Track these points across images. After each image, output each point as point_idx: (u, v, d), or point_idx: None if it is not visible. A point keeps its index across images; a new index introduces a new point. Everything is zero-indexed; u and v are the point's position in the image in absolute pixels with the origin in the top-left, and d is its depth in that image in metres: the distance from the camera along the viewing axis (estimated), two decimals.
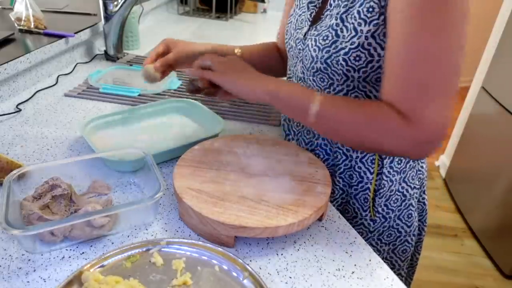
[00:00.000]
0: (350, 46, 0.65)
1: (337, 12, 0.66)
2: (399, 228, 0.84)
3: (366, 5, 0.62)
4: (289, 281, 0.57)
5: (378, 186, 0.78)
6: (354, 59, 0.65)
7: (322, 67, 0.70)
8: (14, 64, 1.02)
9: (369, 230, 0.83)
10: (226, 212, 0.61)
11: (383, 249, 0.86)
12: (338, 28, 0.66)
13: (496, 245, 1.96)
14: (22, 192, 0.65)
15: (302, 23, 0.76)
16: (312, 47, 0.70)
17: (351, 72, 0.67)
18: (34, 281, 0.54)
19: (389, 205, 0.81)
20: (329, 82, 0.71)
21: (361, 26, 0.63)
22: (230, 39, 1.77)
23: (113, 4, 1.26)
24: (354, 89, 0.70)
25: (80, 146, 0.85)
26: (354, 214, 0.82)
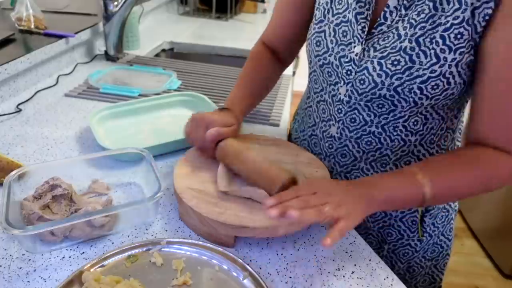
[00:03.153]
0: (429, 75, 0.58)
1: (411, 34, 0.59)
2: (442, 243, 0.81)
3: (455, 30, 0.56)
4: (289, 281, 0.57)
5: (429, 207, 0.75)
6: (431, 88, 0.59)
7: (389, 94, 0.62)
8: (14, 64, 1.02)
9: (415, 250, 0.79)
10: (226, 212, 0.61)
11: (426, 265, 0.83)
12: (414, 53, 0.59)
13: (496, 245, 1.96)
14: (22, 192, 0.65)
15: (347, 37, 0.66)
16: (374, 72, 0.62)
17: (423, 100, 0.61)
18: (34, 281, 0.54)
19: (436, 223, 0.78)
20: (389, 109, 0.65)
21: (445, 53, 0.57)
22: (230, 39, 1.77)
23: (113, 4, 1.26)
24: (415, 114, 0.65)
25: (80, 146, 0.85)
26: (400, 237, 0.78)
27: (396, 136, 0.68)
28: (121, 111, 0.95)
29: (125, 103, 0.97)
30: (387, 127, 0.68)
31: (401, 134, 0.68)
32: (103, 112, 0.93)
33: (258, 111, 1.07)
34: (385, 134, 0.68)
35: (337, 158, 0.75)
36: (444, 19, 0.57)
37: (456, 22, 0.56)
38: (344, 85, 0.68)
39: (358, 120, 0.69)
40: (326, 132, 0.75)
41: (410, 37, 0.59)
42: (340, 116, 0.71)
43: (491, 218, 2.00)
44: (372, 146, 0.70)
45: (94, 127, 0.85)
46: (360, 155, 0.72)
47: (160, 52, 1.68)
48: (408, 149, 0.70)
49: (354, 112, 0.69)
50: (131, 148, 0.73)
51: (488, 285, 1.86)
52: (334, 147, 0.75)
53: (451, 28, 0.56)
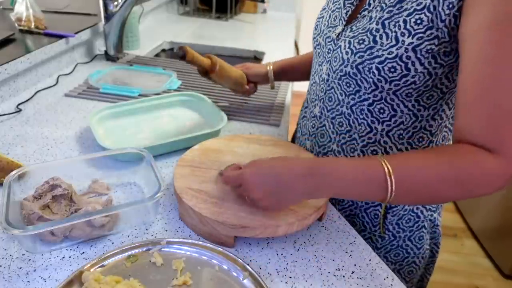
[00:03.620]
0: (387, 55, 0.61)
1: (379, 17, 0.62)
2: (408, 249, 0.80)
3: (416, 16, 0.58)
4: (289, 281, 0.57)
5: (391, 205, 0.75)
6: (388, 70, 0.61)
7: (352, 72, 0.66)
8: (14, 64, 1.02)
9: (376, 246, 0.80)
10: (226, 212, 0.61)
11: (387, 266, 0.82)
12: (378, 34, 0.61)
13: (496, 245, 1.96)
14: (22, 192, 0.65)
15: (336, 21, 0.71)
16: (344, 49, 0.67)
17: (382, 82, 0.63)
18: (34, 281, 0.54)
19: (401, 224, 0.77)
20: (355, 88, 0.68)
21: (404, 36, 0.59)
22: (230, 39, 1.77)
23: (113, 5, 1.26)
24: (381, 100, 0.66)
25: (80, 146, 0.85)
26: (363, 228, 0.79)
27: (362, 120, 0.70)
28: (121, 111, 0.95)
29: (125, 103, 0.97)
30: (354, 108, 0.70)
31: (367, 119, 0.69)
32: (103, 112, 0.93)
33: (258, 111, 1.07)
34: (353, 116, 0.70)
35: (317, 137, 0.79)
36: (410, 5, 0.59)
37: (418, 8, 0.58)
38: (326, 63, 0.73)
39: (333, 98, 0.73)
40: (311, 112, 0.80)
41: (377, 19, 0.62)
42: (322, 95, 0.75)
43: (491, 218, 2.00)
44: (343, 127, 0.73)
45: (94, 127, 0.85)
46: (334, 136, 0.75)
47: (160, 52, 1.68)
48: (374, 137, 0.70)
49: (331, 91, 0.73)
50: (131, 148, 0.73)
51: (488, 285, 1.86)
52: (315, 126, 0.79)
53: (413, 13, 0.58)
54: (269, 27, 2.09)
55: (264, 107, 1.09)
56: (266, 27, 2.10)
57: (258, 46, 1.71)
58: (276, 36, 1.91)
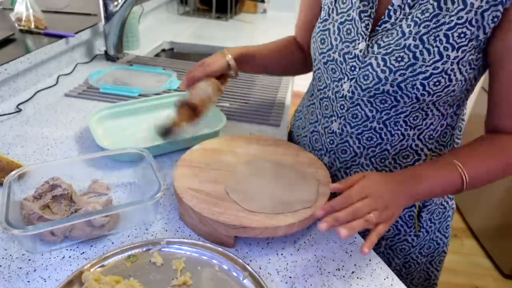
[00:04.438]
0: (432, 71, 0.61)
1: (415, 32, 0.61)
2: (438, 240, 0.83)
3: (458, 30, 0.59)
4: (289, 281, 0.57)
5: (426, 202, 0.77)
6: (433, 84, 0.62)
7: (392, 90, 0.65)
8: (14, 64, 1.02)
9: (412, 245, 0.81)
10: (226, 212, 0.61)
11: (421, 261, 0.84)
12: (418, 50, 0.61)
13: (496, 245, 1.96)
14: (23, 192, 0.65)
15: (351, 35, 0.68)
16: (378, 67, 0.65)
17: (425, 96, 0.64)
18: (34, 281, 0.54)
19: (432, 219, 0.79)
20: (391, 104, 0.67)
21: (448, 51, 0.60)
22: (230, 39, 1.77)
23: (113, 4, 1.26)
24: (417, 110, 0.67)
25: (80, 146, 0.85)
26: (397, 232, 0.79)
27: (396, 131, 0.70)
28: (120, 111, 0.95)
29: (125, 103, 0.97)
30: (388, 122, 0.69)
31: (401, 129, 0.70)
32: (103, 112, 0.93)
33: (258, 111, 1.07)
34: (386, 129, 0.70)
35: (337, 154, 0.77)
36: (448, 19, 0.59)
37: (460, 22, 0.58)
38: (348, 81, 0.70)
39: (360, 116, 0.71)
40: (328, 128, 0.76)
41: (414, 35, 0.61)
42: (342, 112, 0.73)
43: (491, 218, 2.00)
44: (372, 141, 0.72)
45: (93, 127, 0.85)
46: (361, 150, 0.74)
47: (160, 52, 1.68)
48: (406, 143, 0.71)
49: (356, 108, 0.70)
50: (131, 148, 0.73)
51: (488, 285, 1.86)
52: (335, 143, 0.76)
53: (455, 27, 0.59)
54: (269, 27, 2.09)
55: (264, 107, 1.09)
56: (266, 27, 2.10)
57: None
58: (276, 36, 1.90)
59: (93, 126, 0.86)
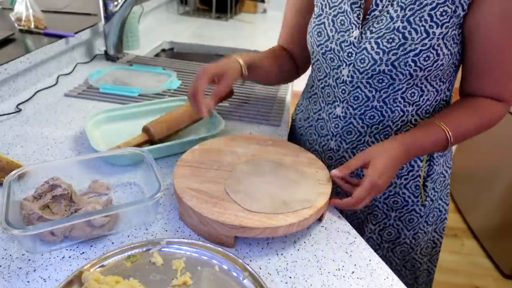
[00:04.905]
0: (421, 48, 0.68)
1: (402, 15, 0.68)
2: (440, 207, 0.89)
3: (440, 9, 0.66)
4: (289, 281, 0.57)
5: (429, 172, 0.83)
6: (423, 59, 0.69)
7: (387, 69, 0.71)
8: (14, 64, 1.02)
9: (420, 215, 0.86)
10: (226, 212, 0.61)
11: (427, 230, 0.89)
12: (406, 31, 0.68)
13: (496, 245, 1.96)
14: (22, 192, 0.65)
15: (345, 25, 0.74)
16: (373, 50, 0.71)
17: (417, 71, 0.70)
18: (34, 281, 0.54)
19: (436, 188, 0.85)
20: (389, 83, 0.73)
21: (433, 28, 0.67)
22: (230, 39, 1.77)
23: (113, 4, 1.26)
24: (412, 86, 0.73)
25: (80, 146, 0.85)
26: (405, 203, 0.85)
27: (396, 108, 0.76)
28: (118, 115, 0.94)
29: (122, 107, 0.96)
30: (387, 100, 0.75)
31: (400, 105, 0.76)
32: (100, 115, 0.92)
33: (258, 111, 1.07)
34: (386, 106, 0.76)
35: (343, 136, 0.82)
36: (430, 0, 0.66)
37: (440, 1, 0.66)
38: (346, 66, 0.76)
39: (361, 97, 0.77)
40: (332, 113, 0.82)
41: (402, 18, 0.68)
42: (344, 96, 0.78)
43: (491, 218, 1.99)
44: (375, 119, 0.78)
45: (90, 131, 0.84)
46: (365, 130, 0.79)
47: (160, 52, 1.68)
48: (406, 119, 0.77)
49: (356, 90, 0.76)
50: (131, 149, 0.73)
51: (488, 285, 1.86)
52: (340, 126, 0.81)
53: (437, 7, 0.66)
54: (269, 27, 2.09)
55: (264, 107, 1.09)
56: (266, 27, 2.10)
57: (258, 46, 1.71)
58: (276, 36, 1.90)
59: (90, 129, 0.85)
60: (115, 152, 0.73)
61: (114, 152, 0.73)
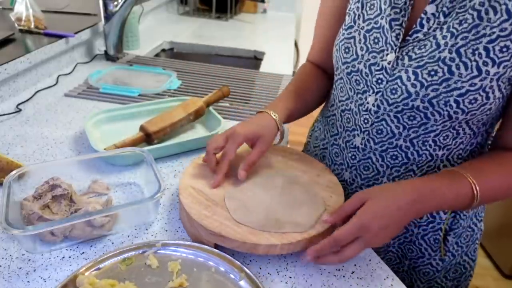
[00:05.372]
0: (468, 88, 0.56)
1: (451, 44, 0.56)
2: (465, 264, 0.79)
3: (500, 43, 0.53)
4: (289, 281, 0.57)
5: (453, 226, 0.72)
6: (468, 102, 0.57)
7: (422, 106, 0.59)
8: (14, 64, 1.02)
9: (437, 270, 0.76)
10: (212, 218, 0.59)
11: (446, 286, 0.80)
12: (454, 64, 0.56)
13: (496, 245, 1.96)
14: (22, 192, 0.65)
15: (379, 44, 0.63)
16: (409, 81, 0.60)
17: (458, 114, 0.58)
18: (34, 281, 0.54)
19: (459, 243, 0.75)
20: (421, 121, 0.62)
21: (487, 66, 0.54)
22: (230, 39, 1.77)
23: (113, 4, 1.26)
24: (448, 129, 0.62)
25: (80, 146, 0.85)
26: (421, 255, 0.75)
27: (424, 151, 0.65)
28: (117, 115, 0.94)
29: (122, 107, 0.95)
30: (416, 141, 0.65)
31: (430, 149, 0.65)
32: (99, 116, 0.91)
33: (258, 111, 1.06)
34: (413, 148, 0.65)
35: (359, 170, 0.72)
36: (490, 30, 0.54)
37: (502, 34, 0.53)
38: (373, 94, 0.65)
39: (385, 131, 0.66)
40: (350, 142, 0.72)
41: (450, 47, 0.56)
42: (366, 126, 0.68)
43: (491, 218, 1.99)
44: (397, 160, 0.68)
45: (90, 131, 0.84)
46: (384, 169, 0.69)
47: (160, 52, 1.68)
48: (434, 164, 0.67)
49: (381, 123, 0.66)
50: (132, 149, 0.73)
51: (488, 285, 1.86)
52: (357, 158, 0.72)
53: (497, 40, 0.53)
54: (269, 27, 2.09)
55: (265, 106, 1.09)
56: (266, 27, 2.10)
57: (258, 46, 1.71)
58: (276, 36, 1.91)
59: (90, 129, 0.85)
60: (115, 152, 0.73)
61: (114, 153, 0.73)
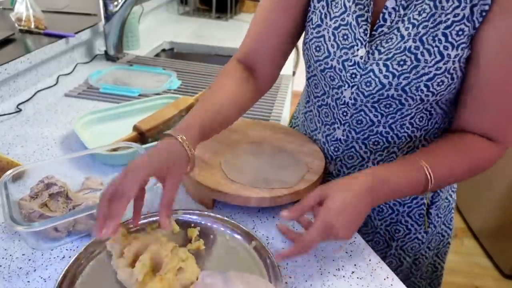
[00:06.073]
0: (435, 72, 0.60)
1: (414, 33, 0.59)
2: (443, 232, 0.83)
3: (456, 27, 0.58)
4: (289, 281, 0.57)
5: (434, 199, 0.77)
6: (437, 85, 0.61)
7: (396, 94, 0.63)
8: (14, 64, 1.02)
9: (422, 242, 0.80)
10: (211, 177, 0.68)
11: (429, 255, 0.84)
12: (419, 52, 0.59)
13: (496, 245, 1.96)
14: (16, 193, 0.65)
15: (348, 41, 0.65)
16: (380, 73, 0.63)
17: (429, 96, 0.63)
18: (34, 280, 0.54)
19: (439, 214, 0.79)
20: (396, 108, 0.66)
21: (448, 50, 0.59)
22: (230, 39, 1.77)
23: (113, 4, 1.26)
24: (421, 110, 0.66)
25: (80, 146, 0.85)
26: (407, 232, 0.79)
27: (403, 133, 0.69)
28: (105, 116, 0.94)
29: (109, 108, 0.95)
30: (394, 126, 0.68)
31: (408, 131, 0.69)
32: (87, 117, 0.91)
33: (258, 111, 1.07)
34: (393, 132, 0.69)
35: (344, 160, 0.75)
36: (445, 17, 0.58)
37: (456, 19, 0.57)
38: (349, 88, 0.67)
39: (365, 121, 0.69)
40: (331, 135, 0.74)
41: (413, 36, 0.60)
42: (345, 118, 0.70)
43: (491, 218, 2.00)
44: (379, 145, 0.71)
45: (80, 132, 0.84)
46: (368, 155, 0.73)
47: (160, 52, 1.68)
48: (413, 144, 0.71)
49: (360, 114, 0.69)
50: (124, 143, 0.74)
51: (488, 285, 1.86)
52: (340, 149, 0.74)
53: (452, 25, 0.58)
54: None
55: (264, 107, 1.09)
56: None
57: None
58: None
59: (80, 131, 0.84)
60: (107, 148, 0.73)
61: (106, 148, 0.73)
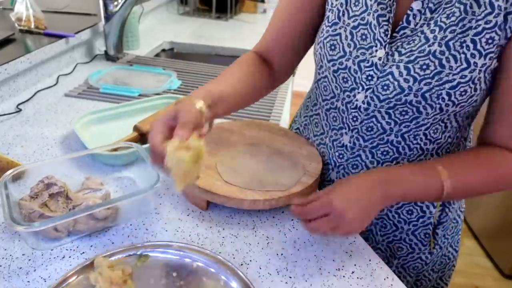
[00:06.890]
0: (459, 80, 0.57)
1: (441, 37, 0.57)
2: (449, 255, 0.80)
3: (486, 35, 0.55)
4: (289, 281, 0.57)
5: (442, 219, 0.73)
6: (459, 94, 0.58)
7: (415, 100, 0.60)
8: (14, 64, 1.02)
9: (425, 263, 0.77)
10: (205, 178, 0.67)
11: (432, 277, 0.81)
12: (444, 57, 0.56)
13: (496, 245, 1.96)
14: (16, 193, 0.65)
15: (367, 41, 0.62)
16: (400, 76, 0.60)
17: (449, 106, 0.59)
18: (34, 280, 0.54)
19: (446, 235, 0.76)
20: (413, 116, 0.62)
21: (475, 58, 0.56)
22: (230, 39, 1.77)
23: (113, 4, 1.26)
24: (437, 122, 0.63)
25: (80, 146, 0.85)
26: (411, 251, 0.76)
27: (415, 145, 0.66)
28: (104, 116, 0.94)
29: (108, 108, 0.95)
30: (407, 136, 0.65)
31: (421, 142, 0.65)
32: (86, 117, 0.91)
33: (258, 111, 1.07)
34: (404, 143, 0.66)
35: (347, 169, 0.72)
36: (475, 23, 0.55)
37: (488, 26, 0.55)
38: (363, 91, 0.64)
39: (375, 128, 0.66)
40: (337, 141, 0.71)
41: (440, 40, 0.57)
42: (355, 124, 0.67)
43: (491, 218, 2.00)
44: (388, 156, 0.67)
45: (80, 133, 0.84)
46: (374, 165, 0.69)
47: (160, 52, 1.68)
48: (425, 158, 0.67)
49: (371, 120, 0.65)
50: (124, 143, 0.74)
51: (488, 285, 1.86)
52: (345, 157, 0.71)
53: (483, 32, 0.55)
54: None
55: (264, 107, 1.09)
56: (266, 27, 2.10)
57: None
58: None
59: (80, 131, 0.84)
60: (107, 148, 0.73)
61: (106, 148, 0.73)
